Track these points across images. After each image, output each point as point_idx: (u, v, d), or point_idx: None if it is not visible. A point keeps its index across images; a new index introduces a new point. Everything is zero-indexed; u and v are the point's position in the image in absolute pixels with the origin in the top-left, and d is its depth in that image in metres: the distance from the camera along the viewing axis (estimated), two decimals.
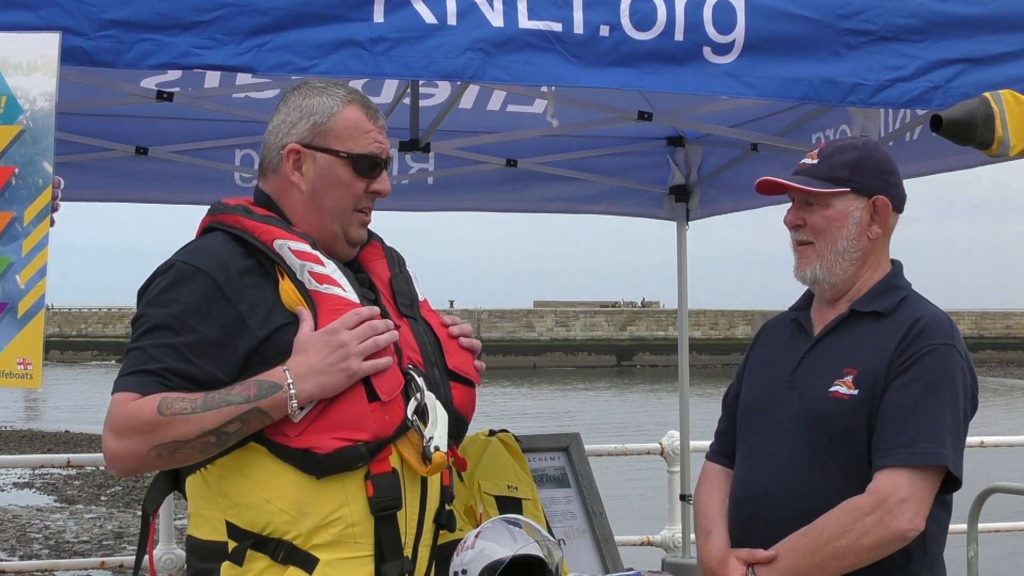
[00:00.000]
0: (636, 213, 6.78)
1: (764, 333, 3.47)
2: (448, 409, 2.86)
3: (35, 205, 2.66)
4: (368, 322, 2.74)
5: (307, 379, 2.66)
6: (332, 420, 2.69)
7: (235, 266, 2.74)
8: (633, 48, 3.23)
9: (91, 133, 5.77)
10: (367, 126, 2.93)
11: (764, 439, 3.21)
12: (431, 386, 2.84)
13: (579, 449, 5.02)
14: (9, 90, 2.69)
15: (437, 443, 2.76)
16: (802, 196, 3.23)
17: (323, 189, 2.89)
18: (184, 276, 2.72)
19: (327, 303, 2.75)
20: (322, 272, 2.77)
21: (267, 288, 2.75)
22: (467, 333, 3.04)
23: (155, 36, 2.91)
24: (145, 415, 2.60)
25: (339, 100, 2.91)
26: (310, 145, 2.89)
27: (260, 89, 5.37)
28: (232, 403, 2.63)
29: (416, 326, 2.94)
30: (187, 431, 2.61)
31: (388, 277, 3.00)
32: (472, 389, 3.01)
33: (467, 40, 3.10)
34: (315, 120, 2.89)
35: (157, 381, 2.64)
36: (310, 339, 2.70)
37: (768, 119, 5.65)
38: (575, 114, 5.54)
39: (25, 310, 2.64)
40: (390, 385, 2.75)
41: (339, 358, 2.68)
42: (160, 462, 2.68)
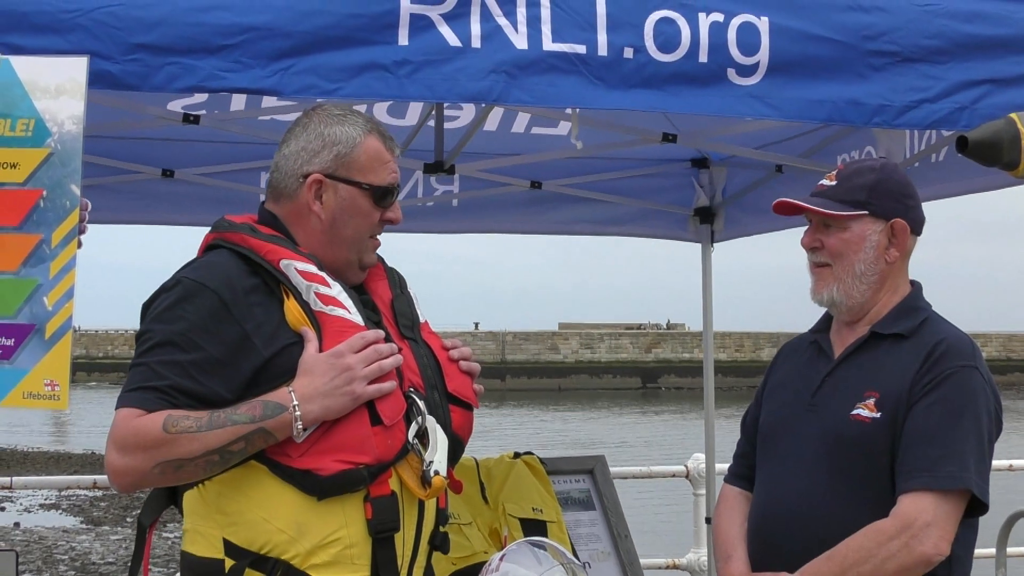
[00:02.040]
0: (661, 235, 6.77)
1: (783, 355, 3.46)
2: (447, 432, 2.87)
3: (63, 227, 2.68)
4: (373, 346, 2.75)
5: (312, 401, 2.67)
6: (335, 442, 2.70)
7: (241, 284, 2.75)
8: (657, 70, 3.23)
9: (118, 156, 5.81)
10: (386, 157, 2.95)
11: (784, 462, 3.20)
12: (431, 409, 2.85)
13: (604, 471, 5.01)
14: (38, 113, 2.71)
15: (437, 467, 2.77)
16: (820, 218, 3.23)
17: (343, 219, 2.90)
18: (190, 293, 2.73)
19: (332, 325, 2.76)
20: (328, 293, 2.79)
21: (272, 307, 2.76)
22: (467, 356, 3.04)
23: (181, 59, 2.93)
24: (150, 432, 2.62)
25: (360, 130, 2.93)
26: (333, 176, 2.90)
27: (285, 112, 5.38)
28: (237, 423, 2.64)
29: (417, 348, 2.95)
30: (192, 449, 2.62)
31: (390, 298, 3.01)
32: (470, 413, 3.02)
33: (491, 62, 3.11)
34: (338, 151, 2.91)
35: (162, 398, 2.65)
36: (316, 361, 2.71)
37: (793, 140, 5.63)
38: (599, 136, 5.54)
39: (52, 332, 2.65)
40: (393, 409, 2.76)
41: (344, 381, 2.69)
42: (163, 479, 2.69)
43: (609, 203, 6.47)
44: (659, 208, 6.54)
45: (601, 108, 3.31)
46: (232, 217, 2.96)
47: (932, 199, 4.77)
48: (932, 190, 4.74)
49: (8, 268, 2.67)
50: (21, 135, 2.70)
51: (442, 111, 5.35)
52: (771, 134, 5.66)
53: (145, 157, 5.92)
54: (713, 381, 6.64)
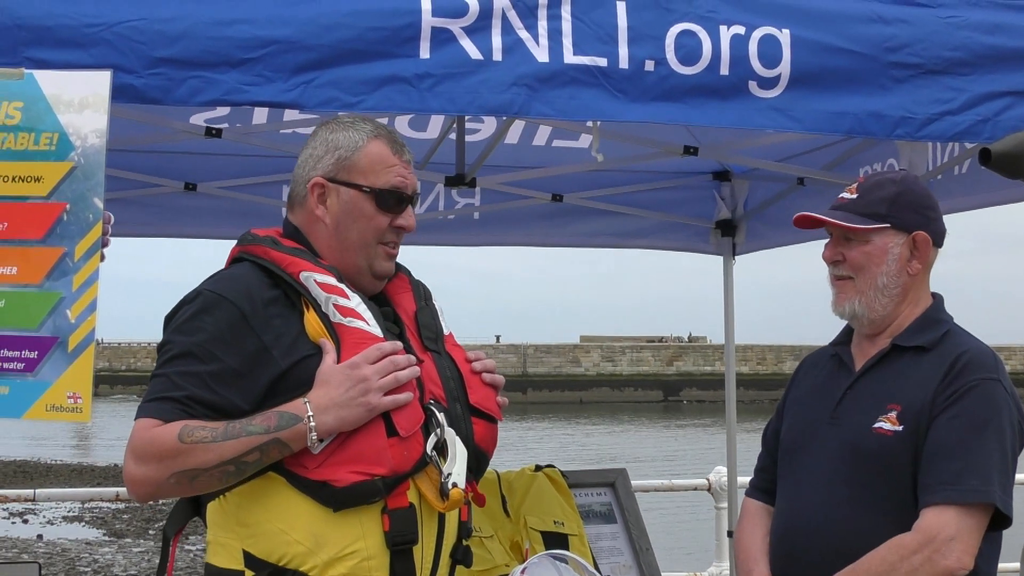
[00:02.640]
0: (682, 248, 6.76)
1: (804, 368, 3.45)
2: (469, 445, 2.87)
3: (86, 240, 2.69)
4: (390, 357, 2.76)
5: (327, 412, 2.68)
6: (350, 453, 2.70)
7: (261, 296, 2.77)
8: (678, 82, 3.23)
9: (141, 169, 5.83)
10: (391, 160, 2.96)
11: (806, 475, 3.19)
12: (452, 422, 2.85)
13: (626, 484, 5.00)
14: (61, 127, 2.73)
15: (455, 479, 2.77)
16: (841, 231, 3.22)
17: (346, 223, 2.92)
18: (210, 305, 2.76)
19: (350, 336, 2.77)
20: (346, 305, 2.80)
21: (292, 319, 2.78)
22: (490, 369, 3.04)
23: (204, 73, 2.94)
24: (165, 442, 2.63)
25: (364, 135, 2.96)
26: (334, 179, 2.94)
27: (307, 125, 5.40)
28: (252, 433, 2.65)
29: (440, 360, 2.95)
30: (206, 459, 2.64)
31: (414, 310, 3.02)
32: (494, 425, 3.01)
33: (512, 75, 3.11)
34: (340, 154, 2.95)
35: (179, 408, 2.67)
36: (332, 372, 2.72)
37: (814, 153, 5.62)
38: (620, 149, 5.54)
39: (75, 344, 2.67)
40: (409, 420, 2.76)
41: (359, 392, 2.70)
42: (179, 489, 2.70)
43: (630, 216, 6.47)
44: (680, 221, 6.54)
45: (622, 121, 3.31)
46: (257, 230, 2.98)
47: (955, 211, 4.76)
48: (955, 202, 4.72)
49: (32, 281, 2.68)
50: (45, 149, 2.72)
51: (463, 124, 5.36)
52: (793, 146, 5.65)
53: (168, 170, 5.94)
54: (735, 394, 6.62)
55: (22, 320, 2.67)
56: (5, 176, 2.71)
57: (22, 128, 2.73)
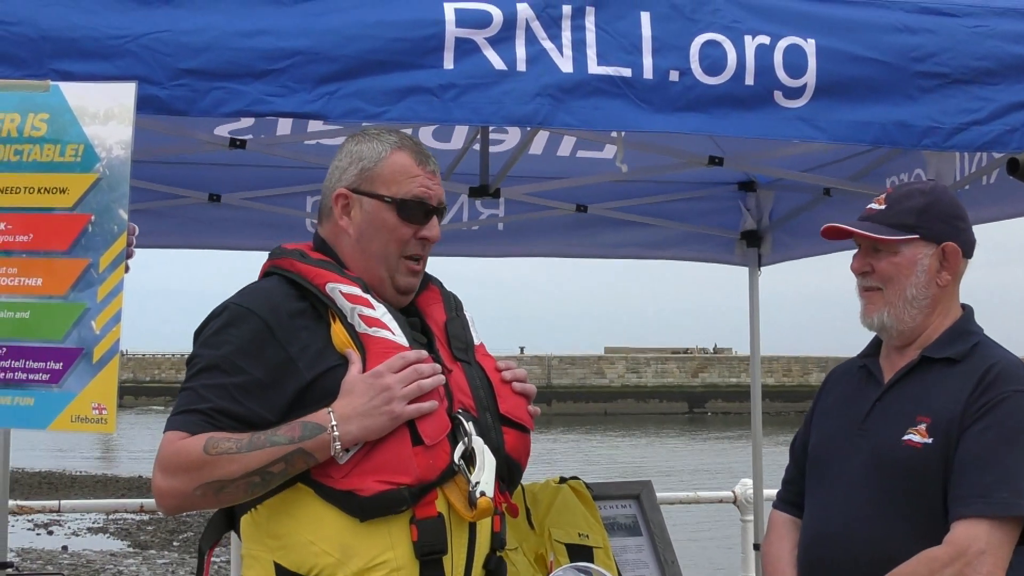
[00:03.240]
0: (707, 258, 6.75)
1: (832, 380, 3.44)
2: (499, 454, 2.86)
3: (110, 252, 2.70)
4: (414, 366, 2.76)
5: (351, 421, 2.69)
6: (376, 463, 2.71)
7: (287, 308, 2.80)
8: (703, 93, 3.22)
9: (165, 180, 5.86)
10: (414, 171, 2.97)
11: (834, 487, 3.17)
12: (482, 431, 2.85)
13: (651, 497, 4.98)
14: (87, 139, 2.74)
15: (483, 488, 2.76)
16: (869, 242, 3.20)
17: (369, 234, 2.94)
18: (236, 318, 2.78)
19: (376, 346, 2.78)
20: (371, 315, 2.81)
21: (319, 330, 2.80)
22: (520, 378, 3.03)
23: (228, 84, 2.95)
24: (191, 454, 2.66)
25: (388, 145, 2.98)
26: (357, 190, 2.95)
27: (331, 136, 5.41)
28: (277, 444, 2.66)
29: (470, 370, 2.95)
30: (232, 470, 2.65)
31: (444, 321, 3.02)
32: (526, 435, 3.01)
33: (537, 86, 3.11)
34: (363, 165, 2.97)
35: (205, 420, 2.69)
36: (356, 382, 2.73)
37: (841, 163, 5.60)
38: (645, 159, 5.54)
39: (100, 355, 2.67)
40: (435, 429, 2.76)
41: (383, 401, 2.70)
42: (205, 501, 2.72)
43: (655, 226, 6.46)
44: (706, 231, 6.53)
45: (647, 131, 3.31)
46: (288, 244, 3.02)
47: (983, 222, 4.73)
48: (983, 213, 4.70)
49: (56, 292, 2.69)
50: (70, 160, 2.73)
51: (487, 135, 5.36)
52: (819, 157, 5.63)
53: (192, 181, 5.97)
54: (761, 406, 6.60)
55: (47, 331, 2.68)
56: (31, 187, 2.73)
57: (48, 140, 2.75)
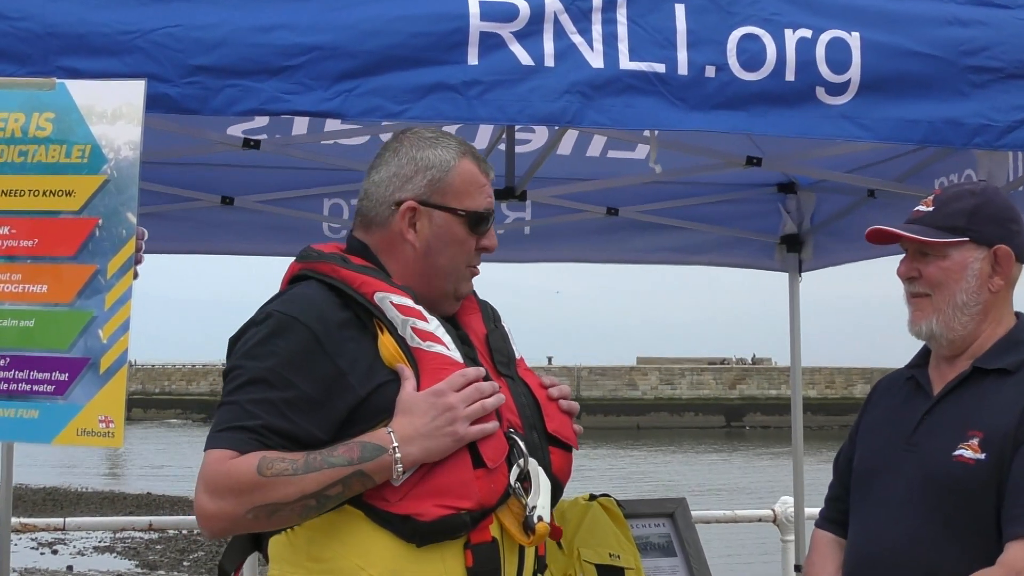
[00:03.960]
0: (745, 264, 6.74)
1: (878, 392, 3.42)
2: (547, 475, 2.85)
3: (118, 257, 2.71)
4: (475, 384, 2.74)
5: (413, 442, 2.66)
6: (435, 486, 2.68)
7: (333, 318, 2.75)
8: (741, 89, 3.22)
9: (176, 183, 5.88)
10: (481, 180, 2.95)
11: (881, 506, 3.15)
12: (531, 451, 2.83)
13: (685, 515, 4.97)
14: (94, 139, 2.75)
15: (540, 512, 2.75)
16: (916, 246, 3.19)
17: (438, 247, 2.90)
18: (282, 327, 2.73)
19: (430, 362, 2.75)
20: (425, 328, 2.78)
21: (365, 343, 2.76)
22: (566, 395, 3.03)
23: (242, 82, 2.96)
24: (244, 475, 2.61)
25: (454, 153, 2.94)
26: (427, 202, 2.90)
27: (349, 136, 5.43)
28: (334, 465, 2.63)
29: (514, 386, 2.93)
30: (287, 493, 2.61)
31: (484, 333, 3.00)
32: (570, 454, 3.00)
33: (565, 83, 3.11)
34: (432, 175, 2.91)
35: (254, 439, 2.64)
36: (415, 400, 2.70)
37: (886, 164, 5.58)
38: (679, 160, 5.53)
39: (107, 366, 2.68)
40: (496, 451, 2.75)
41: (446, 421, 2.68)
42: (256, 524, 2.68)
43: (690, 230, 6.45)
44: (743, 236, 6.51)
45: (681, 130, 3.30)
46: (319, 246, 2.97)
47: None
48: None
49: (62, 300, 2.70)
50: (77, 161, 2.74)
51: (513, 134, 5.37)
52: (863, 157, 5.62)
53: (204, 184, 5.99)
54: (802, 419, 6.58)
55: (52, 340, 2.69)
56: (35, 190, 2.74)
57: (53, 140, 2.76)
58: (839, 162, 5.68)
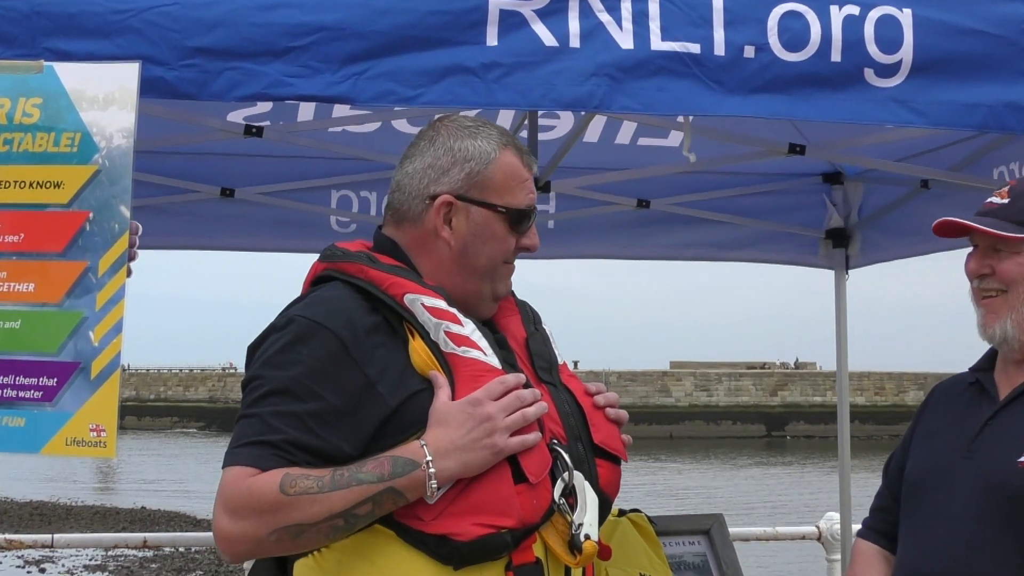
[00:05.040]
0: (787, 260, 6.74)
1: (936, 397, 3.41)
2: (594, 489, 2.83)
3: (111, 254, 2.72)
4: (515, 392, 2.72)
5: (448, 456, 2.64)
6: (473, 503, 2.66)
7: (362, 323, 2.73)
8: (783, 71, 3.21)
9: (172, 173, 5.90)
10: (523, 174, 2.92)
11: (936, 517, 3.14)
12: (576, 464, 2.81)
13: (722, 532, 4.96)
14: (84, 126, 2.76)
15: (587, 531, 2.73)
16: (989, 241, 3.18)
17: (476, 246, 2.88)
18: (306, 334, 2.71)
19: (466, 368, 2.73)
20: (460, 333, 2.76)
21: (397, 349, 2.74)
22: (614, 403, 2.99)
23: (243, 64, 2.97)
24: (266, 494, 2.59)
25: (495, 144, 2.89)
26: (464, 197, 2.87)
27: (359, 122, 5.44)
28: (364, 482, 2.61)
29: (556, 394, 2.90)
30: (313, 513, 2.59)
31: (523, 337, 2.98)
32: (618, 467, 2.97)
33: (592, 65, 3.11)
34: (471, 168, 2.87)
35: (277, 454, 2.62)
36: (450, 410, 2.68)
37: (940, 151, 5.57)
38: (716, 148, 5.53)
39: (99, 371, 2.69)
40: (538, 465, 2.72)
41: (484, 433, 2.66)
42: (280, 547, 2.66)
43: (727, 224, 6.44)
44: (785, 230, 6.51)
45: (718, 115, 3.30)
46: (344, 244, 2.94)
47: None
48: None
49: (51, 300, 2.72)
50: (66, 151, 2.76)
51: (536, 120, 5.36)
52: (915, 144, 5.60)
53: (202, 174, 6.01)
54: (849, 429, 6.57)
55: (40, 343, 2.71)
56: (21, 181, 2.75)
57: (41, 127, 2.77)
58: (889, 150, 5.66)
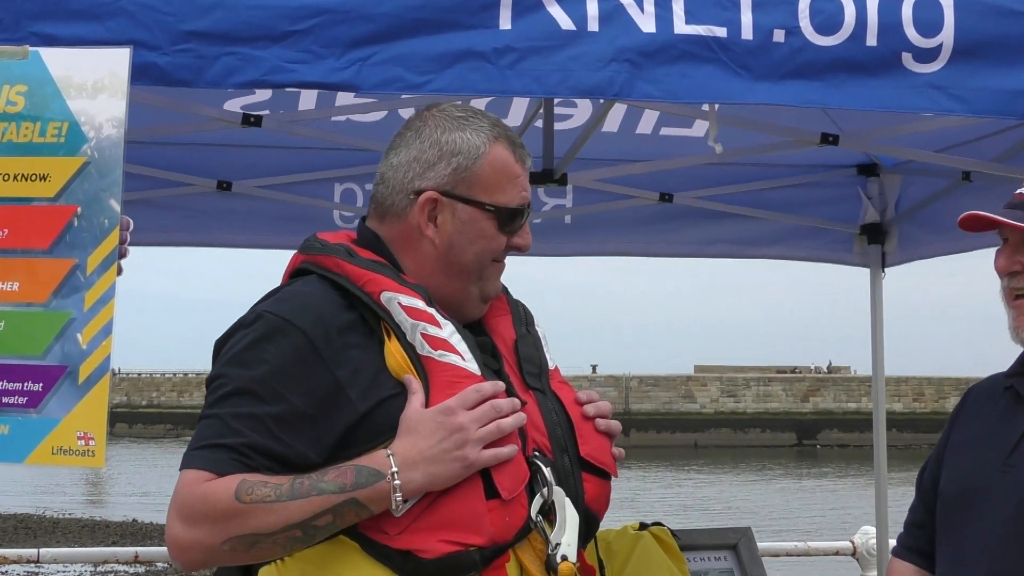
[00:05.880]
0: (819, 258, 6.73)
1: (969, 403, 3.40)
2: (578, 506, 2.82)
3: (100, 251, 2.72)
4: (491, 401, 2.71)
5: (415, 468, 2.64)
6: (441, 518, 2.66)
7: (335, 322, 2.73)
8: (815, 56, 3.21)
9: (166, 165, 5.91)
10: (515, 170, 2.91)
11: (975, 535, 3.14)
12: (560, 478, 2.81)
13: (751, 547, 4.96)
14: (72, 115, 2.76)
15: (565, 551, 2.73)
16: (1020, 236, 3.17)
17: (462, 245, 2.87)
18: (273, 331, 2.72)
19: (442, 374, 2.73)
20: (437, 335, 2.75)
21: (371, 350, 2.74)
22: (605, 413, 2.98)
23: (241, 50, 2.97)
24: (220, 500, 2.60)
25: (485, 137, 2.88)
26: (450, 194, 2.87)
27: (364, 111, 5.45)
28: (324, 492, 2.61)
29: (544, 401, 2.90)
30: (269, 523, 2.60)
31: (513, 339, 2.98)
32: (607, 483, 2.97)
33: (611, 49, 3.11)
34: (458, 163, 2.86)
35: (235, 459, 2.63)
36: (421, 418, 2.68)
37: (983, 141, 5.56)
38: (743, 138, 5.52)
39: (87, 375, 2.69)
40: (513, 479, 2.72)
41: (454, 444, 2.65)
42: (234, 556, 2.67)
43: (756, 219, 6.44)
44: (817, 225, 6.50)
45: (746, 103, 3.30)
46: (326, 235, 2.94)
47: None
48: None
49: (36, 299, 2.72)
50: (52, 141, 2.76)
51: (552, 109, 5.37)
52: (956, 134, 5.59)
53: (198, 167, 6.02)
54: (885, 437, 6.57)
55: (25, 346, 2.71)
56: (5, 174, 2.75)
57: (26, 116, 2.77)
58: (929, 140, 5.65)
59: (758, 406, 69.59)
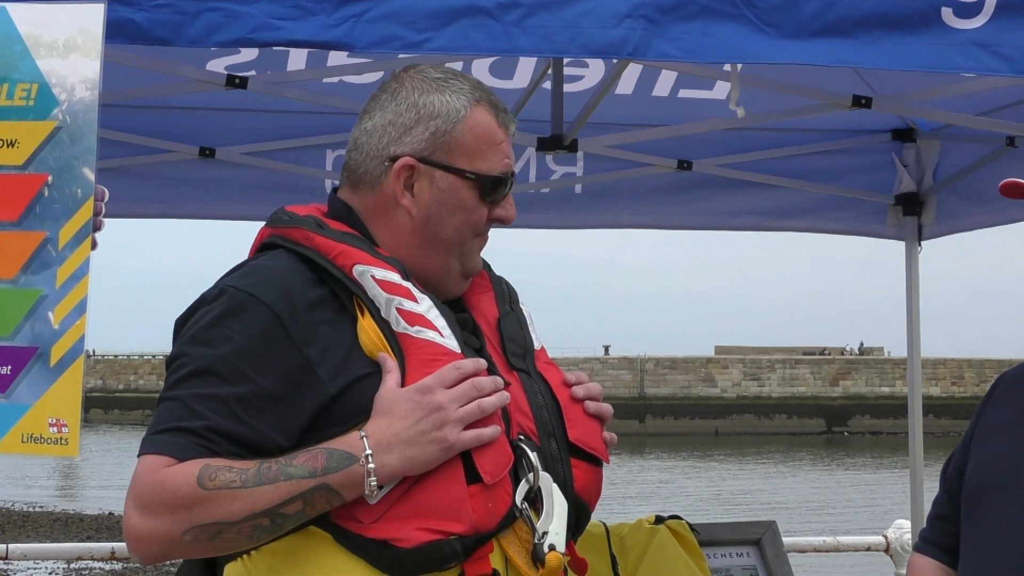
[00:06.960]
0: (850, 230, 6.74)
1: (1000, 389, 3.40)
2: (567, 494, 2.84)
3: (73, 223, 2.72)
4: (471, 380, 2.73)
5: (391, 450, 2.65)
6: (419, 505, 2.67)
7: (304, 297, 2.74)
8: (846, 11, 3.20)
9: (144, 131, 5.91)
10: (498, 136, 2.92)
11: (1001, 530, 3.14)
12: (547, 464, 2.82)
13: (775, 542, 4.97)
14: (41, 76, 2.76)
15: (552, 540, 2.74)
16: None
17: (440, 216, 2.88)
18: (237, 307, 2.72)
19: (419, 351, 2.74)
20: (414, 310, 2.77)
21: (343, 327, 2.75)
22: (595, 396, 2.99)
23: (225, 5, 2.96)
24: (181, 487, 2.61)
25: (465, 99, 2.89)
26: (428, 160, 2.88)
27: (358, 72, 5.44)
28: (293, 477, 2.62)
29: (529, 383, 2.92)
30: (233, 510, 2.61)
31: (496, 317, 2.99)
32: (599, 469, 2.98)
33: (626, 5, 3.10)
34: (436, 127, 2.87)
35: (197, 443, 2.63)
36: (396, 398, 2.69)
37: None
38: (768, 101, 5.52)
39: (59, 357, 2.69)
40: (496, 463, 2.73)
41: (432, 425, 2.66)
42: (196, 548, 2.68)
43: (782, 189, 6.44)
44: (848, 195, 6.50)
45: (771, 63, 3.29)
46: (294, 208, 2.95)
47: None
48: None
49: (4, 276, 2.72)
50: (20, 104, 2.75)
51: (561, 70, 5.36)
52: (1000, 96, 5.58)
53: (178, 132, 6.02)
54: (921, 424, 6.57)
55: None
56: None
57: None
58: (970, 102, 5.64)
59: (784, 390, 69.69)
